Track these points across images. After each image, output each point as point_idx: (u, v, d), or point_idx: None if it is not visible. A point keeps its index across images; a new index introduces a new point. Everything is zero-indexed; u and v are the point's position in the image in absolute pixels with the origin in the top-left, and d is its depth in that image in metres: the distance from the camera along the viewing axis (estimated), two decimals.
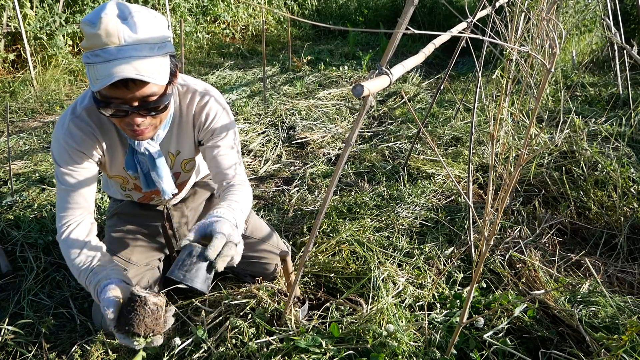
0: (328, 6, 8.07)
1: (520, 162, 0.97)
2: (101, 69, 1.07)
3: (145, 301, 1.03)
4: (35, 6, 4.53)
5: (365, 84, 0.93)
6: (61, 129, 1.29)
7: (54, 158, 1.31)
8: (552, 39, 0.83)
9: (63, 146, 1.29)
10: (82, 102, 1.31)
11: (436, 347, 1.37)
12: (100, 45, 1.06)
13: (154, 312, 1.04)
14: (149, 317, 1.03)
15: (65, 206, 1.31)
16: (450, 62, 2.29)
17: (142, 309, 1.03)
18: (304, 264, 1.37)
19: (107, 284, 1.15)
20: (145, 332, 1.03)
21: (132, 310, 1.03)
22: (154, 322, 1.04)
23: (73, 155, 1.30)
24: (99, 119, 1.32)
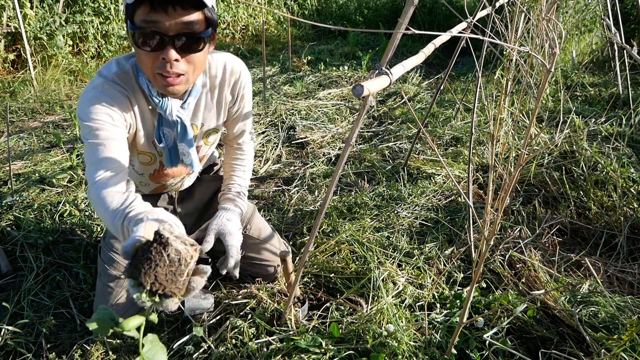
0: (328, 6, 8.07)
1: (520, 162, 0.97)
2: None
3: (165, 244, 0.76)
4: (35, 6, 4.53)
5: (365, 84, 0.93)
6: (92, 91, 1.21)
7: (82, 116, 1.19)
8: (552, 39, 0.83)
9: (96, 102, 1.19)
10: (110, 70, 1.25)
11: (436, 347, 1.37)
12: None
13: (173, 263, 0.76)
14: (163, 267, 0.76)
15: (98, 158, 1.16)
16: (450, 62, 2.29)
17: (158, 253, 0.76)
18: (304, 264, 1.37)
19: (140, 221, 0.94)
20: (154, 285, 0.75)
21: (146, 251, 0.77)
22: (169, 277, 0.76)
23: (107, 111, 1.20)
24: (131, 86, 1.26)
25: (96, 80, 1.24)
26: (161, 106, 1.27)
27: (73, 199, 2.28)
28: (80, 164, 2.72)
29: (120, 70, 1.26)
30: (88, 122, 1.18)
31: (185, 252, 0.78)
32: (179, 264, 0.77)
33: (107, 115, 1.20)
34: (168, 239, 0.77)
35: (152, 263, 0.76)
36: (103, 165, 1.15)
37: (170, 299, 0.78)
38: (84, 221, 2.10)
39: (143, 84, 1.26)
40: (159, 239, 0.77)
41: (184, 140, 1.36)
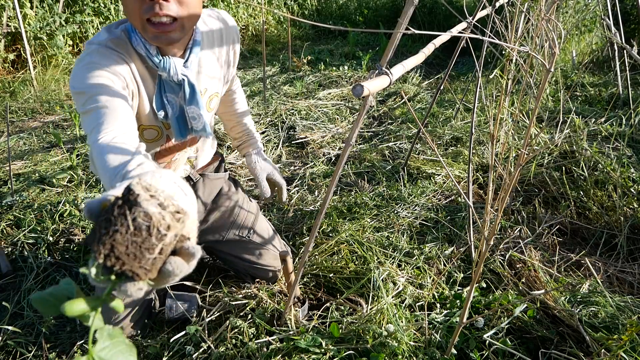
0: (328, 6, 8.07)
1: (520, 162, 0.97)
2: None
3: (132, 203, 0.51)
4: (35, 6, 4.53)
5: (365, 84, 0.93)
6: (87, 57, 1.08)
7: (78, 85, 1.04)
8: (552, 39, 0.83)
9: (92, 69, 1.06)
10: (101, 37, 1.13)
11: (436, 347, 1.37)
12: None
13: (139, 232, 0.51)
14: (124, 235, 0.50)
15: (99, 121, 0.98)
16: (450, 62, 2.29)
17: (120, 215, 0.51)
18: (304, 264, 1.37)
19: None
20: (108, 258, 0.50)
21: (108, 212, 0.52)
22: (131, 249, 0.51)
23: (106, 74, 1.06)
24: (126, 50, 1.14)
25: (88, 49, 1.11)
26: (163, 66, 1.14)
27: (73, 199, 2.28)
28: (80, 164, 2.72)
29: (112, 35, 1.14)
30: (84, 89, 1.03)
31: (159, 218, 0.52)
32: (148, 234, 0.51)
33: (107, 79, 1.06)
34: (138, 197, 0.51)
35: (111, 228, 0.51)
36: (106, 126, 0.97)
37: (132, 282, 0.52)
38: (84, 221, 2.10)
39: (139, 46, 1.13)
40: (127, 195, 0.52)
41: (192, 102, 1.22)
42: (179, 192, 0.56)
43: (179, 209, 0.54)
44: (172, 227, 0.53)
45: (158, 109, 1.20)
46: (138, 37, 1.13)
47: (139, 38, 1.13)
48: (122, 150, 0.90)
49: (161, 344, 1.44)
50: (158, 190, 0.54)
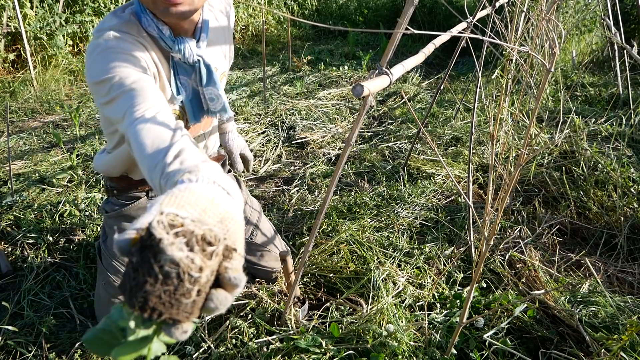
0: (328, 6, 8.06)
1: (520, 162, 0.97)
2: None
3: (155, 250, 0.46)
4: (35, 6, 4.53)
5: (365, 84, 0.93)
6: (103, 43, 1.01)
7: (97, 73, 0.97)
8: (552, 39, 0.83)
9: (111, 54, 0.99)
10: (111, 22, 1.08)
11: (436, 347, 1.37)
12: None
13: (169, 280, 0.46)
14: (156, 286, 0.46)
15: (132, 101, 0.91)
16: (450, 62, 2.29)
17: (145, 264, 0.46)
18: (304, 264, 1.37)
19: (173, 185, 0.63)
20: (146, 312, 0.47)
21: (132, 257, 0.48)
22: (166, 299, 0.47)
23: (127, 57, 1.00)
24: (138, 33, 1.09)
25: (99, 35, 1.04)
26: (178, 48, 1.10)
27: (73, 199, 2.28)
28: (80, 164, 2.72)
29: (122, 19, 1.08)
30: (106, 77, 0.96)
31: (188, 262, 0.47)
32: (179, 280, 0.47)
33: (129, 63, 0.99)
34: (161, 242, 0.46)
35: (139, 279, 0.47)
36: (141, 106, 0.90)
37: (175, 327, 0.51)
38: (84, 221, 2.10)
39: (151, 28, 1.08)
40: (149, 239, 0.47)
41: (210, 83, 1.18)
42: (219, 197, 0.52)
43: (211, 239, 0.48)
44: (204, 267, 0.48)
45: (177, 92, 1.17)
46: (149, 18, 1.08)
47: (150, 19, 1.08)
48: (160, 132, 0.82)
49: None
50: (186, 220, 0.48)
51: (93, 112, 3.71)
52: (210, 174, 0.57)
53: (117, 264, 1.43)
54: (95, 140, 3.09)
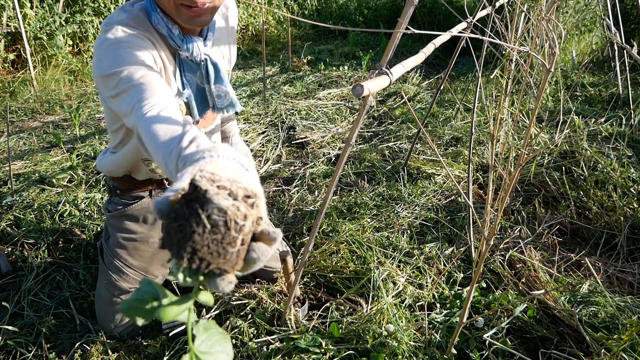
0: (328, 6, 8.06)
1: (520, 162, 0.97)
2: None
3: (203, 200, 0.49)
4: (35, 6, 4.53)
5: (365, 84, 0.93)
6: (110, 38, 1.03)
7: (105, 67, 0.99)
8: (552, 39, 0.83)
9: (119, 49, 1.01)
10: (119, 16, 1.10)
11: (436, 347, 1.37)
12: None
13: (217, 228, 0.49)
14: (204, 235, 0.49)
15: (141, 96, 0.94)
16: (450, 62, 2.29)
17: (193, 215, 0.49)
18: (304, 264, 1.37)
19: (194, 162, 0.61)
20: (192, 262, 0.48)
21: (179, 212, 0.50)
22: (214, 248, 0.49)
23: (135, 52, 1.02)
24: (146, 29, 1.12)
25: (107, 29, 1.06)
26: (186, 47, 1.14)
27: (73, 199, 2.28)
28: (80, 164, 2.72)
29: (131, 15, 1.11)
30: (115, 70, 0.98)
31: (234, 210, 0.50)
32: (227, 228, 0.50)
33: (138, 57, 1.01)
34: (207, 192, 0.49)
35: (187, 230, 0.49)
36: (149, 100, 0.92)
37: (221, 278, 0.51)
38: (83, 221, 2.10)
39: (160, 26, 1.11)
40: (195, 192, 0.50)
41: (218, 81, 1.22)
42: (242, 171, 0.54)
43: (249, 193, 0.52)
44: (248, 215, 0.51)
45: (183, 87, 1.19)
46: (159, 17, 1.10)
47: (160, 17, 1.10)
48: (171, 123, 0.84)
49: (161, 344, 1.44)
50: (223, 178, 0.51)
51: (93, 112, 3.71)
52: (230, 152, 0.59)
53: (120, 263, 1.44)
54: (95, 140, 3.09)
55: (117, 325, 1.49)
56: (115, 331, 1.49)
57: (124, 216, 1.45)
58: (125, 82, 0.97)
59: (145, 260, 1.49)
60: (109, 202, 1.50)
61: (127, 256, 1.46)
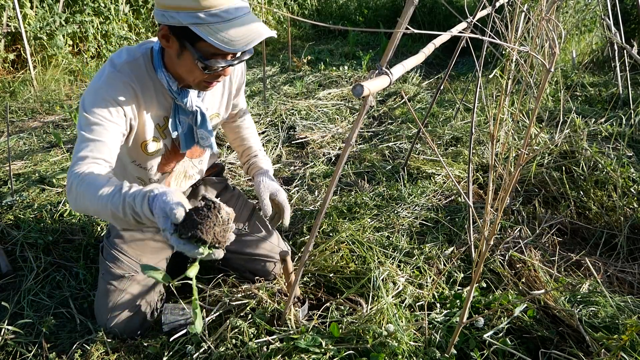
0: (328, 6, 8.06)
1: (520, 162, 0.97)
2: (232, 28, 1.09)
3: (219, 208, 0.96)
4: (35, 6, 4.53)
5: (365, 84, 0.93)
6: (99, 80, 1.23)
7: (84, 106, 1.19)
8: (552, 39, 0.83)
9: (100, 95, 1.20)
10: (120, 58, 1.27)
11: (436, 347, 1.37)
12: (226, 1, 1.09)
13: (225, 223, 0.96)
14: (219, 226, 0.95)
15: (87, 152, 1.17)
16: (450, 62, 2.29)
17: (215, 216, 0.95)
18: (304, 264, 1.37)
19: (163, 192, 1.01)
20: (213, 240, 0.95)
21: (204, 215, 0.94)
22: (222, 233, 0.96)
23: (108, 106, 1.21)
24: (140, 75, 1.27)
25: (105, 68, 1.25)
26: (181, 99, 1.33)
27: None
28: None
29: (130, 58, 1.27)
30: (88, 115, 1.19)
31: (231, 213, 0.99)
32: (228, 222, 0.98)
33: (106, 111, 1.20)
34: (220, 205, 0.96)
35: (211, 223, 0.95)
36: (91, 158, 1.16)
37: (219, 250, 0.99)
38: (84, 221, 2.10)
39: (164, 81, 1.29)
40: (212, 204, 0.96)
41: (202, 127, 1.41)
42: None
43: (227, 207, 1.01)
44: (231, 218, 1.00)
45: (173, 129, 1.38)
46: (164, 75, 1.29)
47: (164, 75, 1.29)
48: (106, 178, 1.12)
49: (161, 344, 1.44)
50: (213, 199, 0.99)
51: None
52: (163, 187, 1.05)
53: (116, 252, 1.56)
54: None
55: (110, 317, 1.48)
56: (108, 324, 1.49)
57: None
58: (88, 130, 1.18)
59: (139, 249, 1.59)
60: None
61: (123, 244, 1.57)
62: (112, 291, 1.51)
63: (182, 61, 1.22)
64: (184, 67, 1.23)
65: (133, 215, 1.05)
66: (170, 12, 1.10)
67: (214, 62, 1.17)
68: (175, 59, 1.23)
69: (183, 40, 1.16)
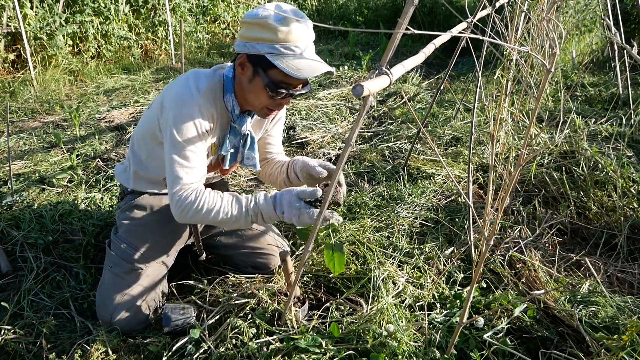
0: (328, 6, 8.06)
1: (520, 162, 0.97)
2: (301, 60, 1.30)
3: (340, 185, 1.48)
4: (35, 6, 4.53)
5: (365, 84, 0.93)
6: (189, 105, 1.36)
7: (178, 131, 1.35)
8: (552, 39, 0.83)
9: (190, 121, 1.36)
10: (202, 84, 1.41)
11: (436, 347, 1.37)
12: (298, 39, 1.29)
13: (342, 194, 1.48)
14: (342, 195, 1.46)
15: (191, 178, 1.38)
16: (450, 62, 2.29)
17: (338, 191, 1.45)
18: (304, 264, 1.37)
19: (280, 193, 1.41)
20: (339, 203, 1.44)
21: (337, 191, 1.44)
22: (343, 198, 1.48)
23: (198, 132, 1.38)
24: (215, 100, 1.44)
25: (191, 93, 1.38)
26: (240, 122, 1.50)
27: (73, 199, 2.29)
28: (80, 164, 2.72)
29: (210, 84, 1.43)
30: (182, 140, 1.36)
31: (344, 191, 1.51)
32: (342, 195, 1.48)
33: (200, 139, 1.39)
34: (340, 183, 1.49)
35: (340, 194, 1.45)
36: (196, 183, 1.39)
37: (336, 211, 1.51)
38: (84, 221, 2.10)
39: (229, 104, 1.46)
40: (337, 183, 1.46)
41: (251, 149, 1.59)
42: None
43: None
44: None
45: (225, 149, 1.55)
46: (231, 98, 1.45)
47: (231, 99, 1.45)
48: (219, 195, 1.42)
49: (162, 343, 1.44)
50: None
51: (93, 112, 3.71)
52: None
53: (126, 246, 1.61)
54: (95, 140, 3.09)
55: (116, 310, 1.49)
56: (114, 317, 1.49)
57: (134, 206, 1.69)
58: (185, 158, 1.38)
59: (150, 244, 1.63)
60: (120, 200, 1.76)
61: (134, 239, 1.62)
62: (121, 284, 1.54)
63: (252, 86, 1.39)
64: (253, 91, 1.40)
65: (254, 218, 1.41)
66: (251, 43, 1.31)
67: (280, 90, 1.36)
68: (247, 84, 1.40)
69: (257, 67, 1.35)
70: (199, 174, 1.41)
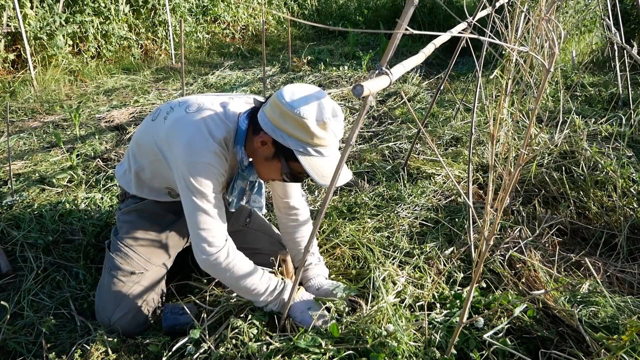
0: (328, 6, 8.06)
1: (520, 162, 0.97)
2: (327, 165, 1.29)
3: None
4: (35, 6, 4.53)
5: (365, 84, 0.93)
6: (209, 155, 1.34)
7: (195, 181, 1.33)
8: (552, 39, 0.83)
9: (215, 174, 1.36)
10: (220, 133, 1.37)
11: (436, 347, 1.37)
12: (330, 143, 1.29)
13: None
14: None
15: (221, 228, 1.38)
16: (450, 62, 2.29)
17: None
18: (304, 264, 1.37)
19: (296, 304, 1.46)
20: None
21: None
22: None
23: (216, 181, 1.37)
24: (228, 149, 1.42)
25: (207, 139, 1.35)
26: (248, 172, 1.48)
27: (73, 199, 2.29)
28: (80, 164, 2.72)
29: (225, 134, 1.39)
30: (201, 188, 1.34)
31: None
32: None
33: (215, 184, 1.37)
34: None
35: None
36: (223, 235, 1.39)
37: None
38: (84, 221, 2.10)
39: (238, 153, 1.43)
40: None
41: (258, 194, 1.61)
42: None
43: None
44: None
45: (231, 193, 1.53)
46: (241, 151, 1.42)
47: (241, 152, 1.42)
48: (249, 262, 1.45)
49: (161, 343, 1.44)
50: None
51: (93, 112, 3.71)
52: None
53: (126, 249, 1.60)
54: (95, 140, 3.09)
55: (115, 312, 1.49)
56: (113, 319, 1.49)
57: (135, 210, 1.67)
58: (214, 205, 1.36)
59: (149, 246, 1.63)
60: (121, 203, 1.73)
61: (134, 242, 1.61)
62: (121, 286, 1.54)
63: (268, 164, 1.38)
64: (267, 168, 1.40)
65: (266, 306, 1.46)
66: (282, 133, 1.26)
67: (297, 178, 1.39)
68: (262, 160, 1.39)
69: (280, 154, 1.33)
70: (224, 220, 1.41)
